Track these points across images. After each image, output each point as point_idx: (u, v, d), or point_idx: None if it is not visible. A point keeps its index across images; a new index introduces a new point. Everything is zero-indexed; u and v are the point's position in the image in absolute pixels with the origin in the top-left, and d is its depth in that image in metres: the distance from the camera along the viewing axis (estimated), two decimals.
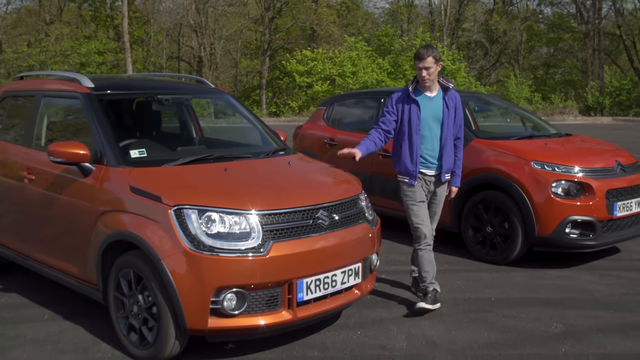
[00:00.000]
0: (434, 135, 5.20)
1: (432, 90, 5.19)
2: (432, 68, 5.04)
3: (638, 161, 7.20)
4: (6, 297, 5.51)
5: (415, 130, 5.12)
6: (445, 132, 5.20)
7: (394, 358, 4.32)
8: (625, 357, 4.36)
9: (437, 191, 5.34)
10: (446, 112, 5.19)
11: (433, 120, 5.19)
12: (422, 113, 5.13)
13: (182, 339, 4.07)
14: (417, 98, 5.13)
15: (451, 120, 5.24)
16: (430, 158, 5.21)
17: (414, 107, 5.12)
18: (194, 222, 3.93)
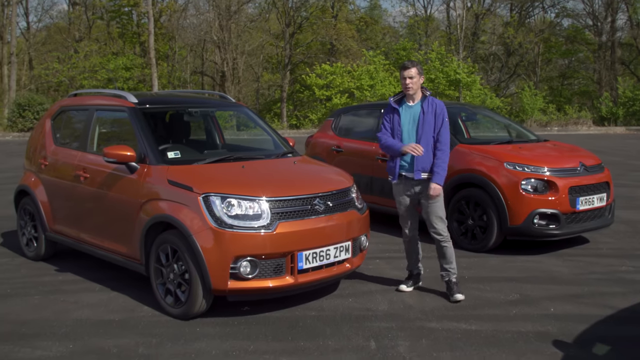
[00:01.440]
0: (411, 139, 5.84)
1: (414, 99, 5.88)
2: (414, 78, 5.74)
3: (602, 163, 8.24)
4: (63, 275, 6.69)
5: (396, 134, 5.88)
6: (420, 133, 5.79)
7: (376, 316, 5.42)
8: (564, 316, 5.41)
9: (422, 191, 5.86)
10: (421, 116, 5.79)
11: (411, 125, 5.86)
12: (402, 119, 5.87)
13: (208, 298, 5.21)
14: (399, 107, 5.91)
15: (427, 123, 5.78)
16: (408, 159, 5.83)
17: (395, 116, 5.91)
18: (217, 206, 5.09)
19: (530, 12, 48.77)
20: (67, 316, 5.43)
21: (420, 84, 5.86)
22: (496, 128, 9.75)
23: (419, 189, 5.87)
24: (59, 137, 7.13)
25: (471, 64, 38.24)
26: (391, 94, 35.13)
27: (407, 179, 5.88)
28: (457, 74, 35.87)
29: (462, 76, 35.97)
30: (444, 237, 5.88)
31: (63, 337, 4.95)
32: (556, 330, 5.08)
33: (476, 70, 38.48)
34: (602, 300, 5.85)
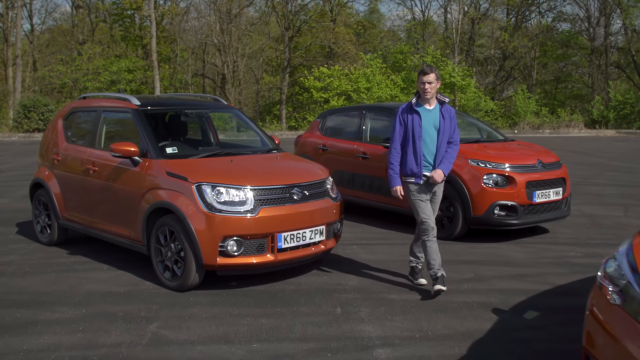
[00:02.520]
0: (432, 141, 6.11)
1: (431, 103, 6.11)
2: (433, 83, 5.97)
3: (560, 160, 9.11)
4: (75, 257, 7.57)
5: (417, 136, 6.05)
6: (441, 138, 6.11)
7: (345, 290, 6.29)
8: (507, 290, 6.27)
9: (436, 190, 6.25)
10: (442, 122, 6.10)
11: (432, 129, 6.10)
12: (423, 122, 6.06)
13: (200, 272, 6.09)
14: (419, 109, 6.08)
15: (447, 128, 6.12)
16: (430, 160, 6.13)
17: (416, 117, 6.06)
18: (208, 194, 5.97)
19: (527, 16, 49.63)
20: (79, 289, 6.30)
21: (436, 89, 6.09)
22: (468, 129, 10.58)
23: (434, 188, 6.23)
24: (70, 135, 8.01)
25: (466, 68, 39.07)
26: (388, 96, 35.96)
27: (428, 177, 6.13)
28: (452, 77, 36.71)
29: (457, 79, 36.80)
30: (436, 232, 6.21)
31: (77, 304, 5.83)
32: (498, 301, 5.95)
33: (471, 73, 39.31)
34: (544, 279, 6.72)
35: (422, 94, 6.06)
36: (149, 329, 5.20)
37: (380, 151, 9.15)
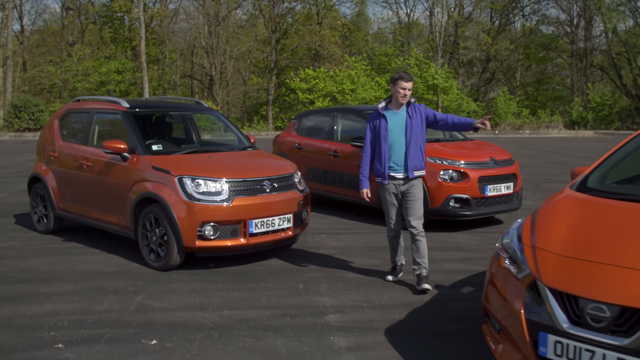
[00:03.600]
0: (400, 143, 6.38)
1: (400, 107, 6.43)
2: (411, 90, 6.38)
3: (512, 157, 10.01)
4: (69, 243, 8.40)
5: (384, 139, 6.36)
6: (409, 137, 6.35)
7: (309, 270, 7.15)
8: (451, 271, 7.15)
9: (408, 189, 6.44)
10: (409, 122, 6.35)
11: (399, 130, 6.37)
12: (389, 125, 6.37)
13: (181, 254, 6.94)
14: (385, 113, 6.41)
15: (415, 127, 6.36)
16: (398, 162, 6.39)
17: (383, 121, 6.39)
18: (188, 185, 6.82)
19: (511, 19, 50.64)
20: (74, 269, 7.15)
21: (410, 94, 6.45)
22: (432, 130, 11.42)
23: (406, 188, 6.45)
24: (65, 134, 8.84)
25: (448, 70, 40.04)
26: (372, 98, 36.87)
27: (395, 179, 6.43)
28: (434, 79, 37.67)
29: (440, 81, 37.76)
30: (420, 232, 6.47)
31: (72, 280, 6.67)
32: (441, 279, 6.83)
33: (453, 75, 40.27)
34: (487, 262, 7.58)
35: (399, 99, 6.36)
36: (135, 299, 6.06)
37: (350, 149, 10.03)
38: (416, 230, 6.43)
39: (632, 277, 3.45)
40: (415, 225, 6.44)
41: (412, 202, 6.46)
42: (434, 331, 5.27)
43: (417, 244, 6.47)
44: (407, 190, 6.45)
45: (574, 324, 3.52)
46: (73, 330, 5.22)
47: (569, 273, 3.67)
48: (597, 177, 4.84)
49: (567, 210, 4.36)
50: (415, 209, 6.47)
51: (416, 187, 6.48)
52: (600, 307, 3.42)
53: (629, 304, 3.34)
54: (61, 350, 4.81)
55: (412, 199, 6.46)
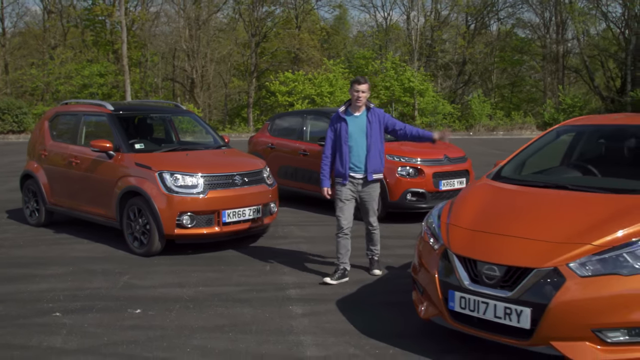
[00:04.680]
0: (360, 145, 6.68)
1: (359, 110, 6.72)
2: (365, 92, 6.60)
3: (466, 155, 10.95)
4: (60, 235, 9.22)
5: (344, 141, 6.65)
6: (369, 140, 6.65)
7: (276, 255, 8.03)
8: (403, 255, 8.05)
9: (366, 190, 6.77)
10: (369, 126, 6.65)
11: (359, 134, 6.67)
12: (350, 128, 6.65)
13: (162, 241, 7.79)
14: (346, 117, 6.69)
15: (374, 132, 6.67)
16: (358, 163, 6.69)
17: (343, 124, 6.67)
18: (168, 180, 7.69)
19: (486, 23, 51.77)
20: (66, 255, 7.99)
21: (367, 97, 6.73)
22: None
23: (364, 189, 6.79)
24: (55, 134, 9.67)
25: (424, 73, 41.09)
26: None
27: (355, 179, 6.75)
28: (410, 82, 38.71)
29: (416, 84, 38.81)
30: (375, 227, 7.02)
31: (65, 264, 7.52)
32: (392, 261, 7.73)
33: (429, 78, 41.33)
34: None
35: (354, 101, 6.67)
36: (121, 279, 6.92)
37: (317, 149, 10.91)
38: (372, 226, 7.02)
39: (516, 244, 4.38)
40: (372, 222, 7.00)
41: (369, 202, 6.87)
42: (380, 301, 6.17)
43: (371, 236, 7.10)
44: (366, 190, 6.81)
45: (474, 282, 4.45)
46: (68, 303, 6.07)
47: (471, 242, 4.59)
48: (510, 168, 5.79)
49: (479, 194, 5.31)
50: (372, 207, 6.91)
51: (374, 188, 6.87)
52: (492, 267, 4.35)
53: (512, 264, 4.27)
54: (59, 317, 5.66)
55: (370, 199, 6.87)
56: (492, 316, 4.33)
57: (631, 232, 4.22)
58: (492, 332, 4.41)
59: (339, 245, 6.86)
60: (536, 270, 4.17)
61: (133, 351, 4.91)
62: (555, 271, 4.13)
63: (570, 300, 4.04)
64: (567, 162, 6.30)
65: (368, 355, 4.81)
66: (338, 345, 5.02)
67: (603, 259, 4.12)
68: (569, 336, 4.08)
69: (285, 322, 5.58)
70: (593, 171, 5.75)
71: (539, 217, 4.65)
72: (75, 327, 5.42)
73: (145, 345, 5.02)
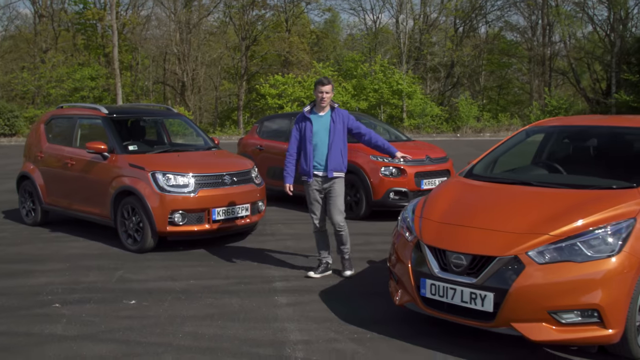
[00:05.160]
0: (323, 144, 6.89)
1: (324, 110, 6.94)
2: (329, 93, 6.84)
3: (447, 155, 11.37)
4: (56, 233, 9.58)
5: (309, 140, 6.89)
6: (332, 139, 6.86)
7: (263, 250, 8.42)
8: (382, 250, 8.44)
9: (329, 187, 6.95)
10: (332, 125, 6.86)
11: (323, 133, 6.88)
12: (314, 127, 6.88)
13: (155, 238, 8.16)
14: (311, 117, 6.93)
15: (337, 131, 6.87)
16: (321, 161, 6.91)
17: (308, 124, 6.90)
18: (160, 179, 8.06)
19: (474, 25, 52.32)
20: (63, 252, 8.35)
21: (331, 98, 6.97)
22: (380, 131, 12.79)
23: (327, 186, 6.97)
24: (50, 137, 10.02)
25: (412, 75, 41.59)
26: (339, 102, 38.21)
27: (319, 177, 6.97)
28: (398, 85, 39.20)
29: (404, 87, 39.30)
30: (341, 227, 7.04)
31: (62, 260, 7.88)
32: (374, 256, 8.12)
33: (417, 80, 41.83)
34: None
35: (318, 102, 6.92)
36: (116, 274, 7.29)
37: None
38: (338, 225, 7.02)
39: (481, 234, 4.79)
40: (337, 220, 7.00)
41: (333, 199, 6.96)
42: (360, 292, 6.57)
43: (339, 237, 7.11)
44: (329, 187, 6.96)
45: (443, 270, 4.85)
46: (66, 295, 6.44)
47: (441, 234, 5.00)
48: (481, 166, 6.21)
49: (451, 190, 5.72)
50: (336, 205, 6.97)
51: (337, 184, 6.98)
52: (459, 256, 4.76)
53: (477, 253, 4.68)
54: (58, 308, 6.03)
55: (334, 196, 6.96)
56: (460, 301, 4.73)
57: (585, 223, 4.63)
58: (459, 316, 4.81)
59: (318, 242, 7.21)
60: (498, 258, 4.58)
61: (129, 337, 5.28)
62: (516, 259, 4.53)
63: (528, 285, 4.45)
64: (536, 161, 6.71)
65: (347, 339, 5.21)
66: (319, 331, 5.41)
67: (559, 247, 4.53)
68: (527, 318, 4.48)
69: (270, 311, 5.96)
70: (559, 169, 6.17)
71: (503, 211, 5.06)
72: (74, 317, 5.78)
73: (140, 332, 5.39)
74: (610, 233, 4.55)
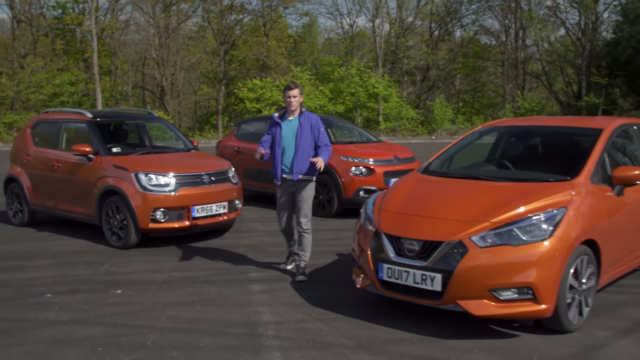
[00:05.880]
0: (291, 147, 7.05)
1: (294, 114, 7.07)
2: (297, 97, 6.99)
3: (414, 156, 12.01)
4: (43, 233, 10.07)
5: (278, 144, 7.07)
6: (299, 142, 7.00)
7: (240, 245, 8.98)
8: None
9: (297, 190, 7.12)
10: (300, 128, 6.99)
11: (291, 136, 7.04)
12: (283, 131, 7.03)
13: (138, 234, 8.70)
14: (281, 122, 7.08)
15: (305, 134, 6.98)
16: (288, 165, 7.07)
17: (278, 128, 7.07)
18: (143, 179, 8.60)
19: (450, 29, 53.19)
20: (51, 249, 8.86)
21: (300, 102, 7.08)
22: (351, 134, 13.44)
23: (295, 188, 7.15)
24: (37, 140, 10.52)
25: (388, 79, 42.34)
26: (317, 106, 38.87)
27: (287, 180, 7.16)
28: (375, 88, 39.93)
29: (380, 90, 40.04)
30: (305, 230, 7.19)
31: (51, 257, 8.40)
32: (343, 249, 8.70)
33: (393, 84, 42.59)
34: None
35: (287, 106, 7.08)
36: (102, 267, 7.82)
37: None
38: (302, 228, 7.17)
39: (431, 223, 5.40)
40: (302, 223, 7.14)
41: (300, 202, 7.10)
42: (327, 280, 7.16)
43: (302, 239, 7.25)
44: (296, 191, 7.13)
45: (398, 255, 5.46)
46: (57, 287, 6.97)
47: (396, 223, 5.61)
48: (437, 163, 6.84)
49: (407, 184, 6.35)
50: (303, 208, 7.10)
51: (304, 188, 7.10)
52: (412, 242, 5.37)
53: (427, 239, 5.29)
54: (50, 298, 6.56)
55: (301, 199, 7.10)
56: (412, 282, 5.34)
57: (522, 212, 5.27)
58: (413, 296, 5.41)
59: (285, 237, 7.57)
60: (445, 243, 5.20)
61: (117, 321, 5.83)
62: (460, 243, 5.15)
63: (471, 267, 5.07)
64: (489, 158, 7.35)
65: (314, 320, 5.80)
66: (289, 313, 6.00)
67: (499, 233, 5.15)
68: (470, 296, 5.10)
69: (245, 297, 6.54)
70: (507, 165, 6.83)
71: (452, 202, 5.69)
72: (65, 305, 6.32)
73: (127, 317, 5.94)
74: (543, 220, 5.18)
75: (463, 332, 5.44)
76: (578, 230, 5.25)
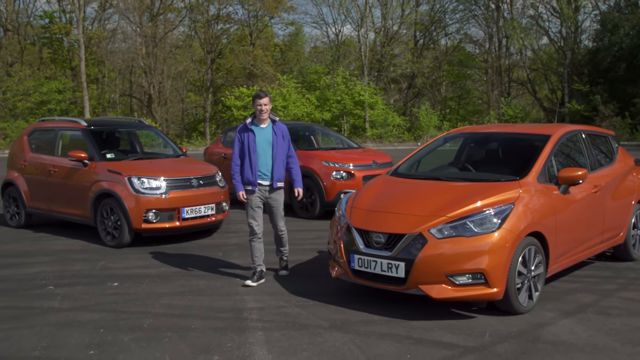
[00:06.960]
0: (267, 155, 7.17)
1: (265, 122, 7.20)
2: (267, 105, 7.08)
3: (392, 161, 12.69)
4: (40, 234, 10.66)
5: (252, 151, 7.10)
6: (275, 151, 7.16)
7: (227, 244, 9.61)
8: None
9: (273, 196, 7.32)
10: (274, 137, 7.17)
11: (265, 144, 7.15)
12: (257, 138, 7.11)
13: (131, 234, 9.32)
14: (253, 128, 7.17)
15: (280, 144, 7.16)
16: (265, 171, 7.20)
17: (251, 135, 7.11)
18: (135, 183, 9.24)
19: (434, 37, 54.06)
20: (48, 249, 9.46)
21: (269, 110, 7.20)
22: (333, 141, 14.13)
23: (269, 195, 7.33)
24: (34, 147, 11.13)
25: (374, 87, 43.12)
26: (303, 113, 39.57)
27: (263, 186, 7.27)
28: (360, 96, 40.69)
29: (366, 97, 40.80)
30: (283, 231, 7.59)
31: (49, 255, 9.01)
32: (323, 247, 9.37)
33: (378, 91, 43.38)
34: None
35: (258, 114, 7.14)
36: (99, 264, 8.44)
37: None
38: (281, 230, 7.57)
39: (395, 218, 6.08)
40: (280, 227, 7.55)
41: (276, 208, 7.43)
42: (308, 274, 7.81)
43: (280, 239, 7.66)
44: (272, 197, 7.35)
45: (367, 247, 6.13)
46: (58, 280, 7.59)
47: (366, 219, 6.28)
48: (405, 166, 7.53)
49: (377, 185, 7.03)
50: (279, 212, 7.46)
51: (280, 194, 7.41)
52: (379, 235, 6.04)
53: (391, 232, 5.97)
54: (52, 289, 7.18)
55: (276, 205, 7.41)
56: (380, 270, 6.00)
57: (475, 207, 5.96)
58: (381, 282, 6.08)
59: (253, 250, 7.37)
60: (407, 235, 5.87)
61: (115, 308, 6.46)
62: (420, 235, 5.83)
63: (430, 255, 5.74)
64: (453, 162, 8.06)
65: (294, 306, 6.45)
66: (271, 301, 6.65)
67: (454, 225, 5.84)
68: (430, 281, 5.77)
69: (232, 288, 7.18)
70: (468, 167, 7.54)
71: (415, 200, 6.37)
72: (67, 295, 6.94)
73: (124, 304, 6.57)
74: (493, 214, 5.88)
75: (426, 314, 6.11)
76: (525, 223, 5.95)
